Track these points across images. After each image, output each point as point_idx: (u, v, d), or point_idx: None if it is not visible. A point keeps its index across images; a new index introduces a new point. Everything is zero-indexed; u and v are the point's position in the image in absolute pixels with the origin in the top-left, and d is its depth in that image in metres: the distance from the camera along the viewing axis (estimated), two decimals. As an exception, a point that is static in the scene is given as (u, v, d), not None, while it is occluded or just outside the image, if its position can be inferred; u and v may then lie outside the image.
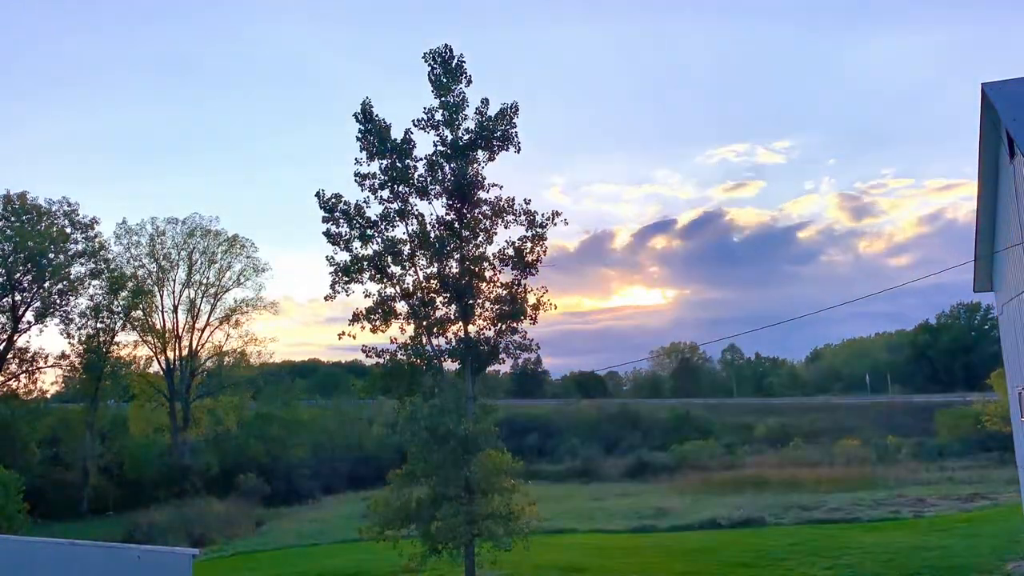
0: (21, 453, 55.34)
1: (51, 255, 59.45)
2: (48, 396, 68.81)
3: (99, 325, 63.30)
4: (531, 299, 23.35)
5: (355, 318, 23.24)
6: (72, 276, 61.59)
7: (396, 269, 23.53)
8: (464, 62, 23.04)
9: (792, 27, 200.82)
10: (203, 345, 70.36)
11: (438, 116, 23.14)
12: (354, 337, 23.31)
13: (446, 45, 22.93)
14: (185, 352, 68.79)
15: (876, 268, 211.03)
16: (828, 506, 38.42)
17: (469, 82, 23.12)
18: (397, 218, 23.30)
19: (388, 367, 23.28)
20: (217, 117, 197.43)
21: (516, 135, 23.27)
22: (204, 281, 69.48)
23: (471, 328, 23.30)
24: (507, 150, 23.40)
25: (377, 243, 23.30)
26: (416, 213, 23.46)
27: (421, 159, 23.28)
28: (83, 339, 62.54)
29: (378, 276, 23.43)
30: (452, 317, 23.30)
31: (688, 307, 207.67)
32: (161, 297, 68.13)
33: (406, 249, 23.39)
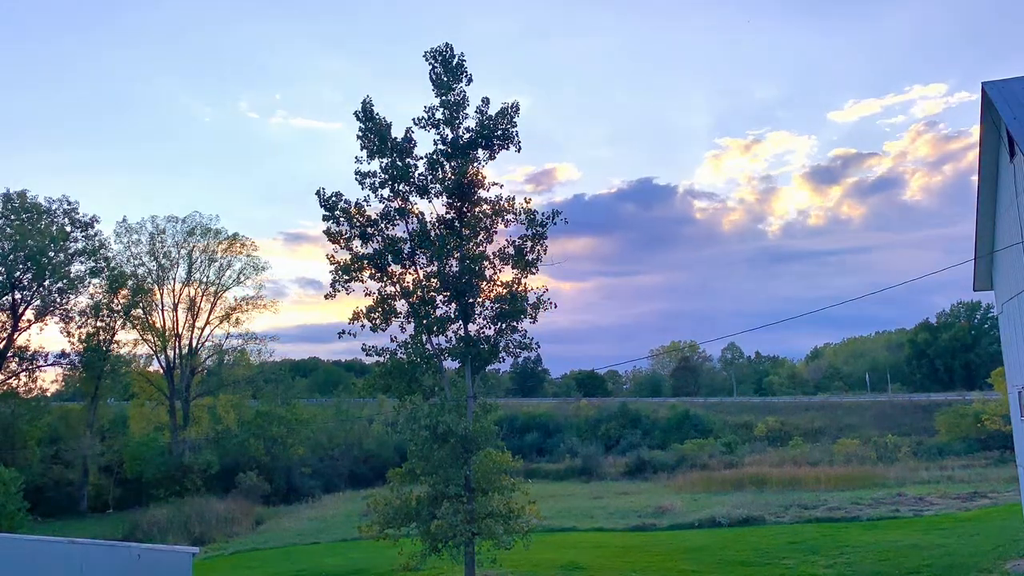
0: (21, 451, 55.42)
1: (51, 253, 59.48)
2: (48, 394, 68.95)
3: (99, 323, 63.40)
4: (531, 298, 23.34)
5: (355, 317, 23.24)
6: (72, 274, 61.70)
7: (396, 268, 23.52)
8: (465, 61, 23.05)
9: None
10: (203, 343, 70.49)
11: (439, 115, 23.15)
12: (354, 336, 23.31)
13: (447, 44, 22.95)
14: (185, 350, 68.84)
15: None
16: (828, 505, 38.44)
17: (470, 81, 23.12)
18: (397, 217, 23.28)
19: (388, 366, 23.27)
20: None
21: (516, 134, 23.31)
22: (204, 279, 69.58)
23: (471, 327, 23.31)
24: (507, 149, 23.44)
25: (377, 242, 23.29)
26: (416, 212, 23.46)
27: (421, 158, 23.29)
28: (83, 337, 62.61)
29: (378, 275, 23.42)
30: (452, 316, 23.28)
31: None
32: (161, 295, 68.20)
33: (406, 248, 23.38)
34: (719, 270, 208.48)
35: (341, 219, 23.07)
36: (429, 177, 23.15)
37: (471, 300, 22.87)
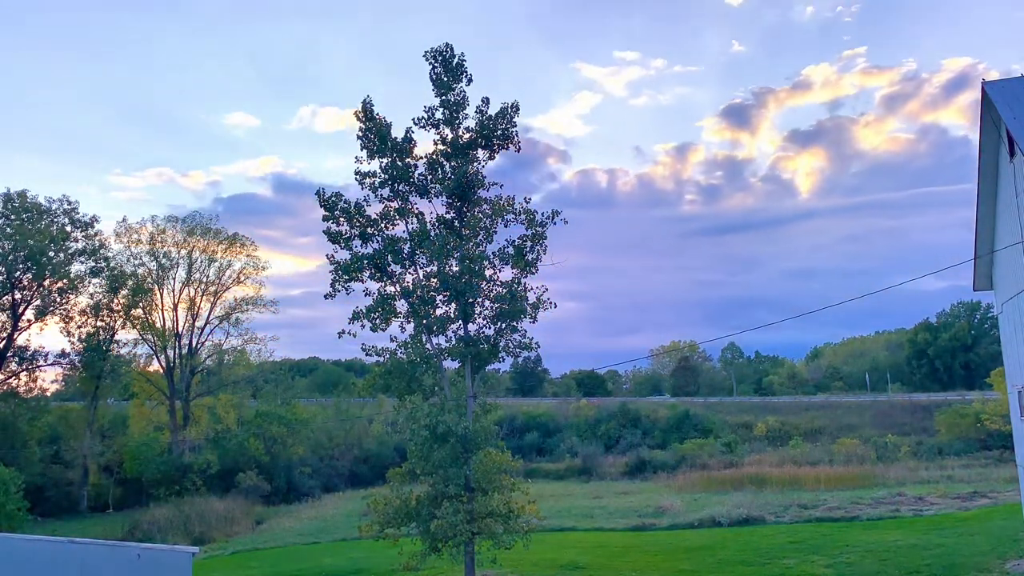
0: (21, 451, 55.37)
1: (51, 253, 59.44)
2: (48, 394, 68.92)
3: (99, 323, 63.34)
4: (531, 298, 23.33)
5: (355, 316, 23.22)
6: (72, 274, 61.64)
7: (396, 268, 23.53)
8: (465, 61, 23.05)
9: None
10: (203, 343, 70.53)
11: (439, 115, 23.16)
12: (354, 335, 23.30)
13: (447, 44, 22.96)
14: (185, 350, 68.85)
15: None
16: (827, 504, 38.46)
17: (470, 81, 23.13)
18: (397, 217, 23.29)
19: (388, 366, 23.26)
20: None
21: (516, 134, 23.33)
22: (204, 279, 69.59)
23: (471, 327, 23.31)
24: (507, 149, 23.46)
25: (377, 242, 23.29)
26: (416, 212, 23.47)
27: (421, 158, 23.30)
28: (83, 337, 62.56)
29: (378, 275, 23.41)
30: (452, 316, 23.28)
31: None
32: (161, 295, 68.27)
33: (406, 248, 23.38)
34: (634, 248, 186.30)
35: (341, 219, 23.07)
36: (429, 177, 23.17)
37: (471, 300, 22.87)
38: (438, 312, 23.32)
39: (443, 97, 23.00)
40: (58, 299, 61.23)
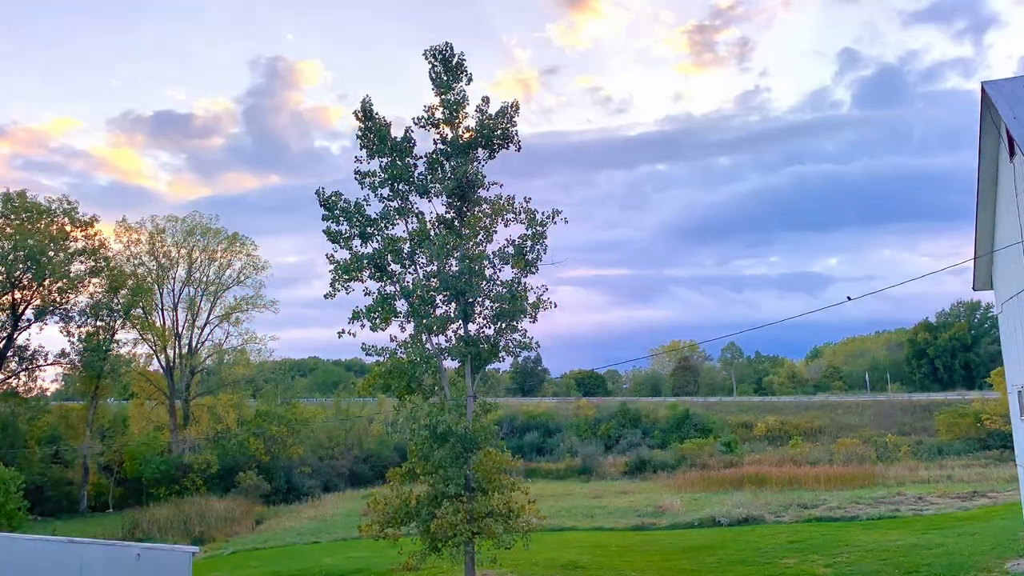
0: (21, 451, 55.41)
1: (51, 253, 59.43)
2: (48, 394, 69.03)
3: (99, 323, 63.34)
4: (531, 297, 23.32)
5: (355, 316, 23.21)
6: (72, 274, 61.59)
7: (396, 267, 23.52)
8: (465, 60, 23.06)
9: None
10: (203, 343, 70.55)
11: (438, 114, 23.15)
12: (354, 335, 23.28)
13: (447, 43, 22.96)
14: (185, 350, 68.87)
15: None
16: (827, 504, 38.46)
17: (470, 80, 23.12)
18: (397, 216, 23.29)
19: (388, 365, 23.25)
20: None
21: (516, 133, 23.33)
22: (204, 279, 69.61)
23: (471, 326, 23.31)
24: (507, 148, 23.45)
25: (377, 241, 23.29)
26: (416, 211, 23.47)
27: (421, 157, 23.30)
28: (83, 337, 62.56)
29: (378, 274, 23.40)
30: (452, 315, 23.27)
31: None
32: (161, 295, 68.26)
33: (406, 247, 23.38)
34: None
35: (341, 218, 23.07)
36: (429, 177, 23.17)
37: (471, 300, 22.86)
38: (438, 312, 23.29)
39: (443, 96, 23.00)
40: (58, 299, 61.21)
